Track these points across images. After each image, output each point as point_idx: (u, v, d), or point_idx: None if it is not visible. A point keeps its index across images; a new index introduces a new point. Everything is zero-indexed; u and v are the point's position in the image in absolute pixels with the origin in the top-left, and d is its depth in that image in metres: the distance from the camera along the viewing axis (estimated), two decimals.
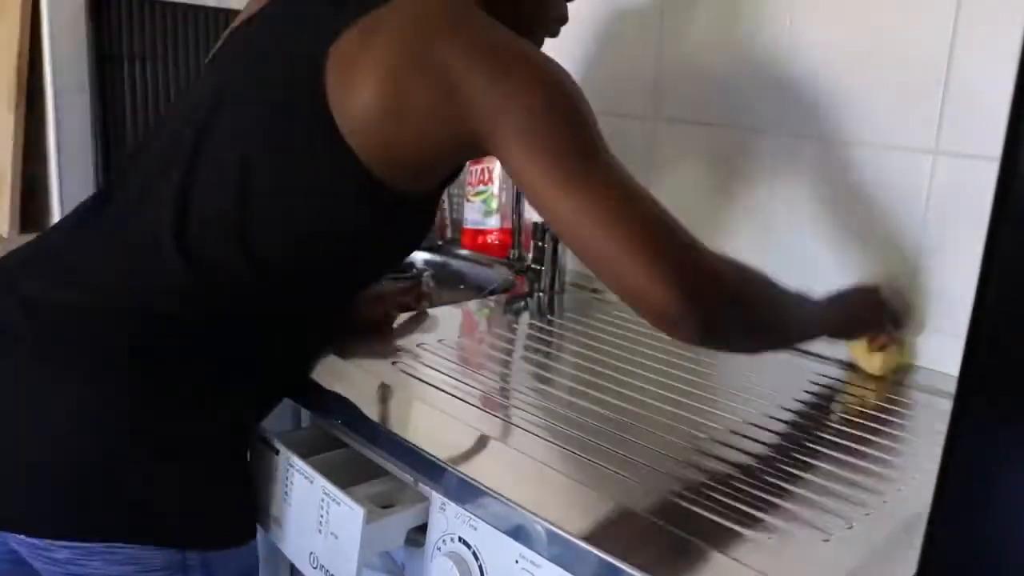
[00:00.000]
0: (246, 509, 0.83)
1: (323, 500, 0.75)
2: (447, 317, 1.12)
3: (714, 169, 1.14)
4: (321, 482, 0.76)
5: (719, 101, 1.12)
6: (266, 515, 0.84)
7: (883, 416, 0.85)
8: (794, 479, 0.69)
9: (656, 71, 1.18)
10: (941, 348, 0.94)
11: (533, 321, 1.12)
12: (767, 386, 0.90)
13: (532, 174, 0.71)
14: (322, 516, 0.76)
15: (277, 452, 0.82)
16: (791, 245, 1.06)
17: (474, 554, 0.69)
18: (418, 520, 0.75)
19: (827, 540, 0.61)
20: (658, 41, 1.18)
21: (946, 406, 0.85)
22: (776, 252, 1.08)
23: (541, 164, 0.70)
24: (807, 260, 1.05)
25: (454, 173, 0.85)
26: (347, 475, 0.78)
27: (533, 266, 1.24)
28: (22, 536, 0.71)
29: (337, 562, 0.74)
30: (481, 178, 1.40)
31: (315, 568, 0.77)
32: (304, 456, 0.80)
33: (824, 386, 0.92)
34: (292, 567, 0.98)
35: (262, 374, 0.82)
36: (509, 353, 0.98)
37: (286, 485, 0.80)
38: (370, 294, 1.03)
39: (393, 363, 0.91)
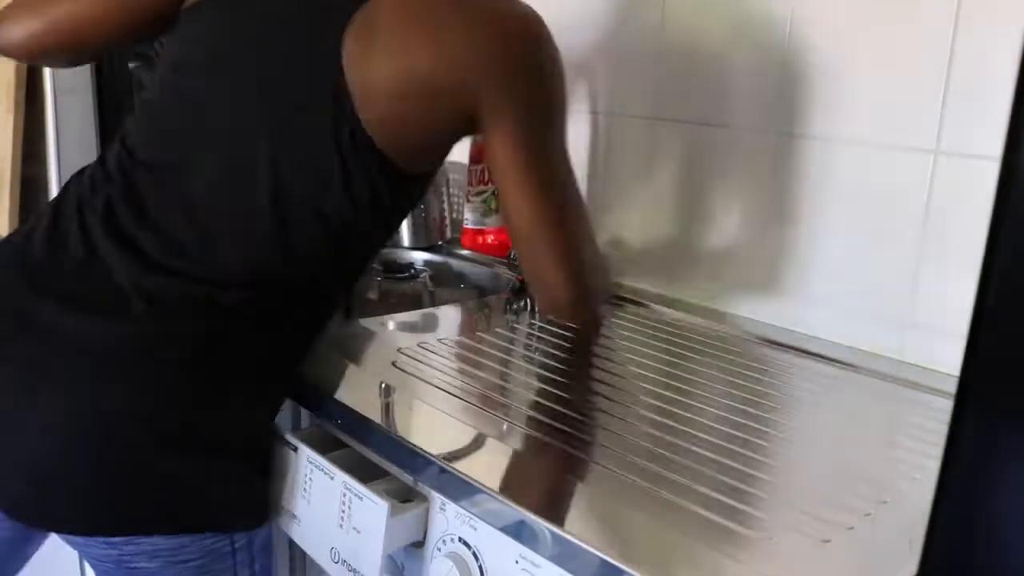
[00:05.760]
0: (264, 491, 0.87)
1: (344, 495, 0.76)
2: (447, 317, 1.12)
3: (713, 169, 1.14)
4: (343, 478, 0.77)
5: (719, 101, 1.12)
6: (282, 511, 0.85)
7: (882, 416, 0.85)
8: (794, 480, 0.69)
9: (656, 70, 1.18)
10: (940, 348, 0.94)
11: (533, 321, 1.12)
12: (767, 385, 0.90)
13: (512, 168, 0.82)
14: (344, 511, 0.76)
15: (295, 449, 0.82)
16: (791, 245, 1.06)
17: (474, 554, 0.69)
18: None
19: (827, 541, 0.61)
20: (658, 39, 1.18)
21: (946, 406, 0.85)
22: (776, 252, 1.08)
23: (522, 162, 0.82)
24: (807, 260, 1.05)
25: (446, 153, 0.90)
26: (351, 474, 0.78)
27: None
28: (73, 536, 0.76)
29: (360, 556, 0.75)
30: (481, 178, 1.40)
31: (336, 563, 0.78)
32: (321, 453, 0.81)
33: (821, 384, 0.93)
34: (306, 559, 0.98)
35: (277, 366, 0.85)
36: (509, 353, 0.98)
37: (306, 481, 0.81)
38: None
39: (393, 363, 0.91)
